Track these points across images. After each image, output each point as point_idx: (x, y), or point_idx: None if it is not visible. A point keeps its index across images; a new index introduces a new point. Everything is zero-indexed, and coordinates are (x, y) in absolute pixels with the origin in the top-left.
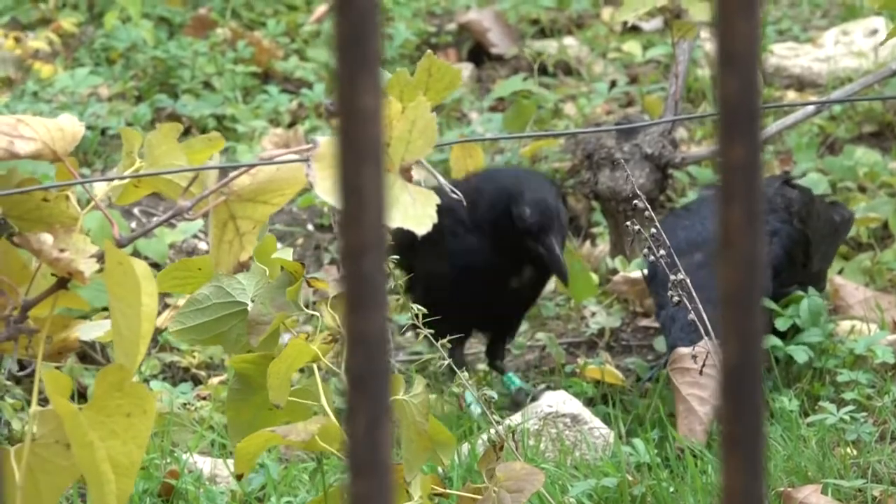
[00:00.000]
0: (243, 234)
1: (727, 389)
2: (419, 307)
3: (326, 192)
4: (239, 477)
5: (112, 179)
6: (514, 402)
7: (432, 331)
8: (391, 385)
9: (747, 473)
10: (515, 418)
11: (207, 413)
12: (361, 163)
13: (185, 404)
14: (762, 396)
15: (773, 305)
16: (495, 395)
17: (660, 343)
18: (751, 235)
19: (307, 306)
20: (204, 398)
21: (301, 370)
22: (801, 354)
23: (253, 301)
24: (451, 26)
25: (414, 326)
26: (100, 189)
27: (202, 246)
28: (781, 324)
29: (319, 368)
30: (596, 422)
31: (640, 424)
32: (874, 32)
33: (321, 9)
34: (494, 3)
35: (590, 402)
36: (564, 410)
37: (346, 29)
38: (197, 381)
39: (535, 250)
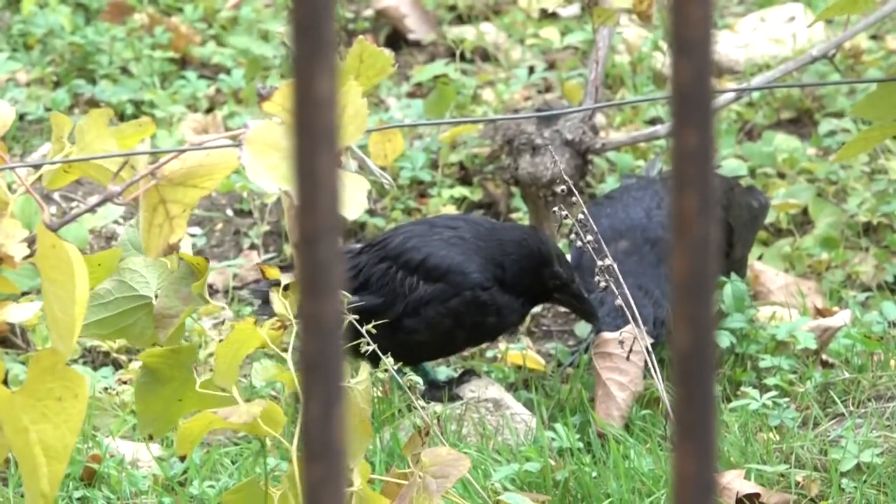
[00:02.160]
0: (173, 218)
1: (680, 375)
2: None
3: (259, 175)
4: (182, 458)
5: (43, 164)
6: (431, 388)
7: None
8: (344, 370)
9: (699, 459)
10: (437, 405)
11: (129, 397)
12: (317, 148)
13: (106, 388)
14: (715, 382)
15: None
16: (420, 381)
17: (581, 328)
18: (704, 222)
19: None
20: (125, 382)
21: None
22: (723, 340)
23: (157, 295)
24: (369, 12)
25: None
26: (27, 174)
27: (121, 231)
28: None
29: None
30: (518, 407)
31: (562, 410)
32: (792, 19)
33: None
34: None
35: (511, 388)
36: (486, 395)
37: (303, 15)
38: (118, 366)
39: (566, 301)
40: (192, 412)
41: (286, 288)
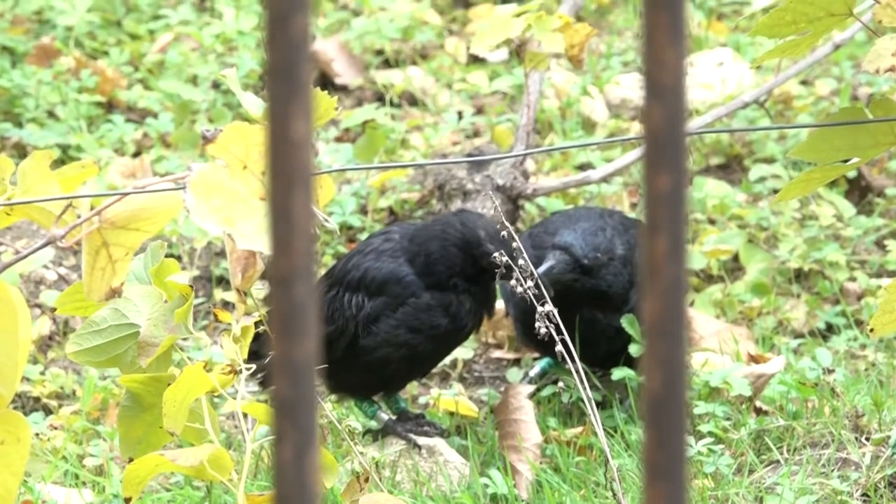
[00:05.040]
0: (115, 261)
1: (651, 419)
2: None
3: (203, 218)
4: (127, 500)
5: None
6: (401, 419)
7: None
8: (318, 412)
9: (672, 502)
10: (373, 451)
11: (61, 443)
12: (292, 190)
13: (37, 434)
14: (686, 426)
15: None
16: (359, 426)
17: (513, 374)
18: (676, 264)
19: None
20: (56, 428)
21: None
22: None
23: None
24: None
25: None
26: None
27: (50, 276)
28: (635, 350)
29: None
30: (451, 453)
31: (493, 455)
32: (721, 64)
33: (164, 38)
34: (339, 33)
35: (444, 434)
36: (420, 442)
37: (278, 58)
38: (48, 411)
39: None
40: (176, 444)
41: (268, 332)
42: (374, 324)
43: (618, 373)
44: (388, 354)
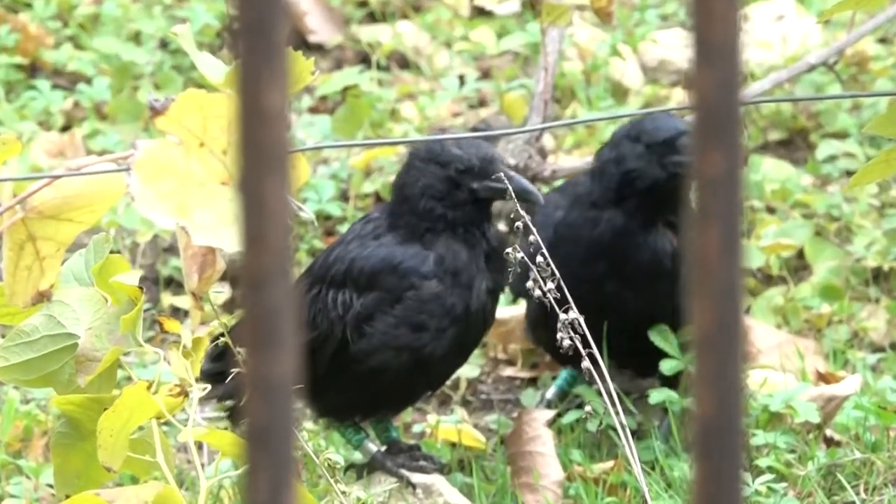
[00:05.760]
0: (44, 259)
1: (703, 447)
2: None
3: (150, 206)
4: None
5: None
6: (391, 450)
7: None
8: (297, 439)
9: None
10: (358, 489)
11: None
12: (264, 172)
13: None
14: (743, 454)
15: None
16: (341, 460)
17: (528, 397)
18: (730, 262)
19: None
20: None
21: None
22: None
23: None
24: None
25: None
26: None
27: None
28: (668, 367)
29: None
30: (452, 494)
31: (504, 496)
32: (780, 18)
33: None
34: None
35: (444, 469)
36: (414, 479)
37: (249, 13)
38: None
39: (496, 193)
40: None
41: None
42: (367, 324)
43: (656, 395)
44: (385, 361)
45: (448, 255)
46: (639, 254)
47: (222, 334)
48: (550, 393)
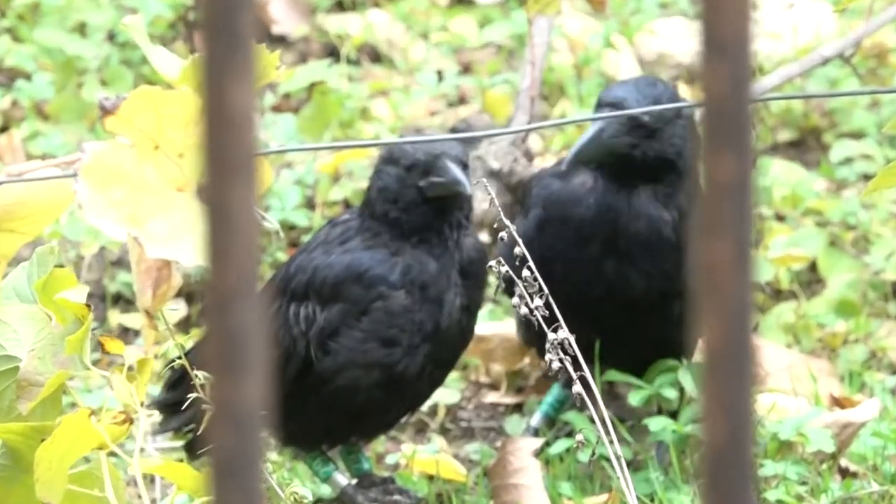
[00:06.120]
0: None
1: (712, 477)
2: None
3: (100, 215)
4: None
5: None
6: (362, 483)
7: None
8: (265, 470)
9: None
10: None
11: None
12: (230, 179)
13: None
14: (752, 485)
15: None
16: (309, 494)
17: (513, 424)
18: (742, 277)
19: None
20: None
21: None
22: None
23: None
24: None
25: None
26: None
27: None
28: (637, 399)
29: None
30: None
31: None
32: (791, 6)
33: None
34: None
35: None
36: None
37: (213, 6)
38: None
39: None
40: None
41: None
42: (331, 339)
43: (654, 422)
44: (354, 380)
45: (414, 265)
46: (631, 223)
47: (178, 357)
48: (537, 420)
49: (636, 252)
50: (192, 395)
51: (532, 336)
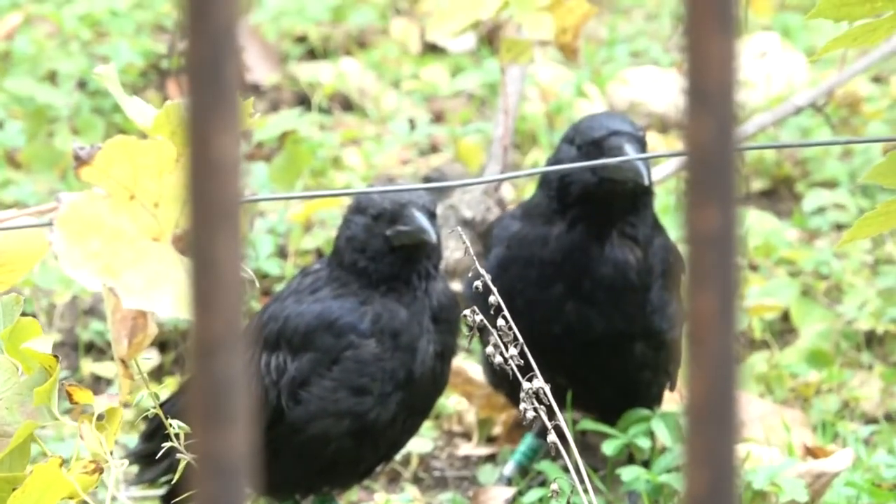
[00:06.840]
0: None
1: None
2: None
3: (76, 266)
4: None
5: None
6: None
7: None
8: None
9: None
10: None
11: None
12: (217, 229)
13: None
14: None
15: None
16: None
17: (485, 474)
18: (725, 329)
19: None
20: None
21: None
22: (679, 483)
23: None
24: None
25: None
26: None
27: None
28: (612, 449)
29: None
30: None
31: None
32: (764, 54)
33: (11, 19)
34: (247, 15)
35: None
36: None
37: (201, 50)
38: None
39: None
40: None
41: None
42: (302, 389)
43: (627, 472)
44: (325, 429)
45: (384, 314)
46: (598, 268)
47: (154, 407)
48: (510, 469)
49: (599, 295)
50: (168, 445)
51: (499, 381)
